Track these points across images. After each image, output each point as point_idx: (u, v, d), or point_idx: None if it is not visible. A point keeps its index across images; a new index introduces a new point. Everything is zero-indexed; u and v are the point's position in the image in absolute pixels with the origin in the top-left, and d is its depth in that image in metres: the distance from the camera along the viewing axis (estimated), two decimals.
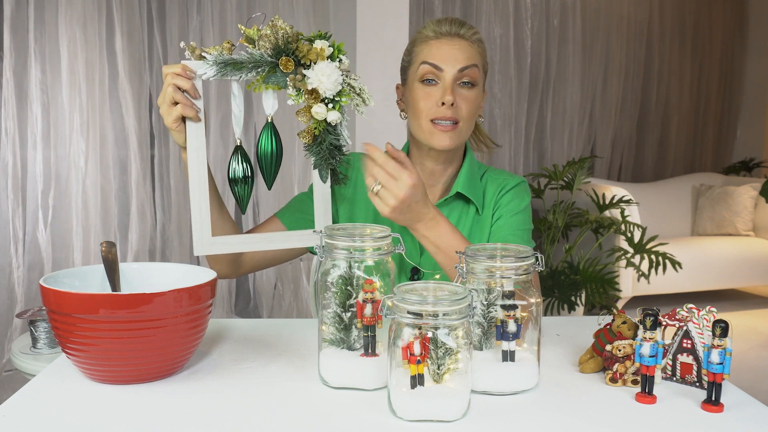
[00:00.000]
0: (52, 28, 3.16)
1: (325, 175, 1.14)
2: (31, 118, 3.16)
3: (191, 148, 1.09)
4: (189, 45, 1.08)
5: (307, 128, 1.09)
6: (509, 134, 4.64)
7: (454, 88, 1.28)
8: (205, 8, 3.53)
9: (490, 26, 4.49)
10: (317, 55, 1.06)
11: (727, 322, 0.88)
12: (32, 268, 3.18)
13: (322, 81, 1.06)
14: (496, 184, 1.39)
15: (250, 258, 1.33)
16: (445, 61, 1.28)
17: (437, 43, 1.30)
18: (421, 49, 1.32)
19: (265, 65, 1.06)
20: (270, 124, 1.12)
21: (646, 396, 0.92)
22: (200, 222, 1.09)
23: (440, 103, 1.27)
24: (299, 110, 1.09)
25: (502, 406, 0.91)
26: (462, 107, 1.29)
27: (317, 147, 1.10)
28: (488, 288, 0.96)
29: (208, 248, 1.10)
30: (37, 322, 2.07)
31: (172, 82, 1.07)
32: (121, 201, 3.41)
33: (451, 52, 1.29)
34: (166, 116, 1.09)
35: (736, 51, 5.59)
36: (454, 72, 1.28)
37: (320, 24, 3.65)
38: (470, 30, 1.32)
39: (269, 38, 1.05)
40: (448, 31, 1.31)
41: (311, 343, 1.14)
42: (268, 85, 1.08)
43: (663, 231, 4.56)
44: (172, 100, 1.07)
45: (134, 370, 0.95)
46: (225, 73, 1.05)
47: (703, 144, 5.58)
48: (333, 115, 1.08)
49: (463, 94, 1.29)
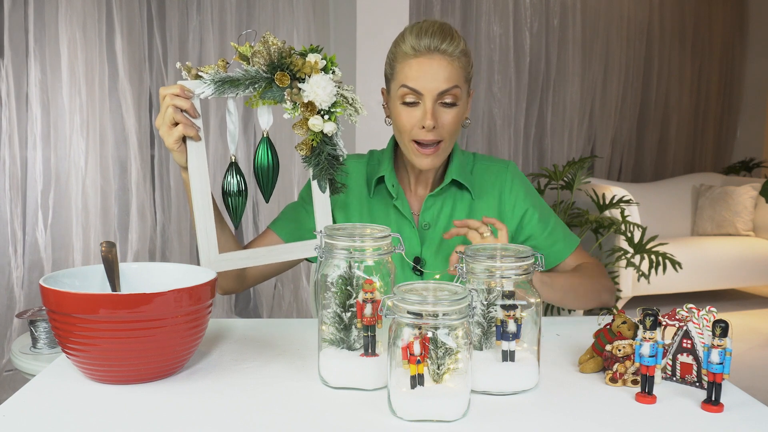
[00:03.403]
0: (52, 28, 3.16)
1: (324, 185, 1.15)
2: (31, 118, 3.16)
3: (193, 167, 1.11)
4: (184, 65, 1.09)
5: (304, 140, 1.11)
6: (509, 134, 4.64)
7: (435, 109, 1.26)
8: (205, 8, 3.53)
9: (489, 26, 4.48)
10: (311, 69, 1.08)
11: (727, 322, 0.88)
12: (32, 268, 3.18)
13: (318, 93, 1.08)
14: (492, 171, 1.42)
15: (254, 271, 1.35)
16: (424, 84, 1.25)
17: (416, 63, 1.25)
18: (401, 68, 1.28)
19: (261, 81, 1.07)
20: (266, 138, 1.14)
21: (646, 396, 0.92)
22: (206, 240, 1.11)
23: (421, 126, 1.27)
24: (296, 123, 1.10)
25: (502, 406, 0.91)
26: (444, 126, 1.28)
27: (316, 158, 1.12)
28: (488, 288, 0.96)
29: (216, 265, 1.12)
30: (37, 322, 2.07)
31: (171, 103, 1.07)
32: (121, 201, 3.41)
33: (431, 74, 1.25)
34: (167, 137, 1.09)
35: (736, 51, 5.59)
36: (433, 95, 1.25)
37: (320, 24, 3.66)
38: (452, 44, 1.26)
39: (262, 54, 1.06)
40: (428, 47, 1.25)
41: (311, 343, 1.14)
42: (264, 101, 1.10)
43: (663, 231, 4.56)
44: (172, 120, 1.08)
45: (134, 370, 0.95)
46: (223, 90, 1.07)
47: (703, 144, 5.58)
48: (329, 126, 1.09)
49: (445, 113, 1.27)
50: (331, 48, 3.54)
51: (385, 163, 1.39)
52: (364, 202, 1.40)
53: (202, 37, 3.53)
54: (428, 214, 1.38)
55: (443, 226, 1.37)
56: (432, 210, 1.38)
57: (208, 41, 3.53)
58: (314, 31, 3.68)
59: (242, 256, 1.15)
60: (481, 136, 4.56)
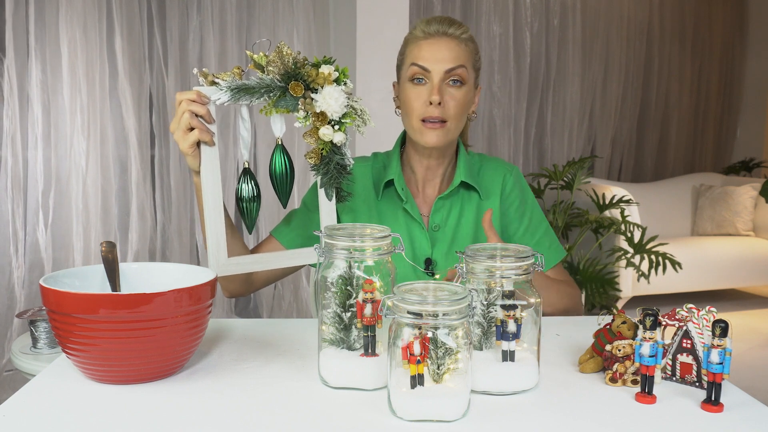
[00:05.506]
0: (52, 28, 3.16)
1: (330, 193, 1.17)
2: (32, 118, 3.16)
3: (206, 172, 1.12)
4: (201, 71, 1.12)
5: (314, 149, 1.13)
6: (509, 134, 4.64)
7: (442, 87, 1.31)
8: (205, 8, 3.53)
9: (489, 26, 4.49)
10: (324, 80, 1.11)
11: (727, 322, 0.88)
12: (32, 268, 3.18)
13: (330, 104, 1.10)
14: (497, 173, 1.44)
15: (260, 275, 1.37)
16: (432, 62, 1.31)
17: (425, 44, 1.33)
18: (410, 50, 1.35)
19: (275, 90, 1.10)
20: (280, 145, 1.17)
21: (646, 396, 0.92)
22: (216, 244, 1.13)
23: (428, 102, 1.31)
24: (306, 132, 1.12)
25: (502, 406, 0.91)
26: (450, 106, 1.32)
27: (324, 167, 1.14)
28: (488, 288, 0.96)
29: (224, 269, 1.13)
30: (37, 322, 2.07)
31: (187, 108, 1.08)
32: (121, 201, 3.41)
33: (439, 53, 1.32)
34: (182, 142, 1.10)
35: (736, 51, 5.59)
36: (441, 72, 1.31)
37: (320, 24, 3.65)
38: (459, 29, 1.34)
39: (277, 64, 1.09)
40: (437, 31, 1.33)
41: (311, 343, 1.15)
42: (278, 109, 1.12)
43: (663, 231, 4.56)
44: (187, 125, 1.09)
45: (134, 370, 0.95)
46: (238, 98, 1.09)
47: (703, 144, 5.58)
48: (339, 136, 1.12)
49: (451, 93, 1.32)
50: (331, 48, 3.54)
51: (393, 166, 1.40)
52: (372, 205, 1.41)
53: (202, 37, 3.53)
54: (438, 215, 1.40)
55: (453, 228, 1.39)
56: (442, 212, 1.40)
57: (208, 41, 3.53)
58: (314, 31, 3.68)
59: (250, 261, 1.17)
60: (481, 136, 4.57)
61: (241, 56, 3.59)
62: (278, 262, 1.19)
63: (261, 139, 3.65)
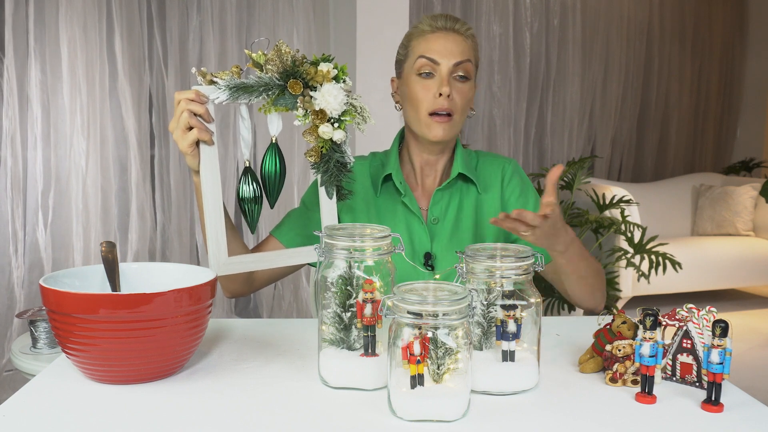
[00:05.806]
0: (52, 28, 3.16)
1: (331, 192, 1.17)
2: (31, 119, 3.16)
3: (205, 171, 1.12)
4: (200, 70, 1.11)
5: (314, 147, 1.13)
6: (509, 134, 4.64)
7: (450, 80, 1.33)
8: (205, 8, 3.53)
9: (489, 25, 4.48)
10: (323, 77, 1.10)
11: (727, 322, 0.88)
12: (32, 268, 3.18)
13: (329, 102, 1.10)
14: (495, 165, 1.45)
15: (261, 274, 1.37)
16: (442, 55, 1.33)
17: (433, 38, 1.34)
18: (417, 43, 1.36)
19: (274, 88, 1.09)
20: (274, 144, 1.16)
21: (646, 396, 0.92)
22: (216, 244, 1.12)
23: (437, 94, 1.32)
24: (306, 131, 1.12)
25: (502, 406, 0.91)
26: (457, 100, 1.33)
27: (324, 165, 1.14)
28: (488, 288, 0.96)
29: (224, 268, 1.13)
30: (37, 322, 2.07)
31: (186, 108, 1.08)
32: (121, 201, 3.41)
33: (447, 46, 1.33)
34: (181, 141, 1.10)
35: (736, 51, 5.59)
36: (450, 65, 1.32)
37: (320, 24, 3.65)
38: (464, 26, 1.37)
39: (276, 62, 1.09)
40: (444, 26, 1.35)
41: (311, 343, 1.15)
42: (277, 107, 1.11)
43: (663, 231, 4.56)
44: (186, 125, 1.09)
45: (134, 370, 0.95)
46: (237, 96, 1.08)
47: (703, 144, 5.58)
48: (338, 134, 1.11)
49: (458, 87, 1.34)
50: (331, 48, 3.54)
51: (392, 161, 1.41)
52: (371, 202, 1.41)
53: (202, 37, 3.53)
54: (437, 208, 1.40)
55: (452, 220, 1.39)
56: (440, 204, 1.40)
57: (208, 41, 3.53)
58: (314, 31, 3.68)
59: (250, 260, 1.17)
60: (481, 136, 4.56)
61: (241, 56, 3.59)
62: (278, 261, 1.19)
63: (261, 139, 3.65)
